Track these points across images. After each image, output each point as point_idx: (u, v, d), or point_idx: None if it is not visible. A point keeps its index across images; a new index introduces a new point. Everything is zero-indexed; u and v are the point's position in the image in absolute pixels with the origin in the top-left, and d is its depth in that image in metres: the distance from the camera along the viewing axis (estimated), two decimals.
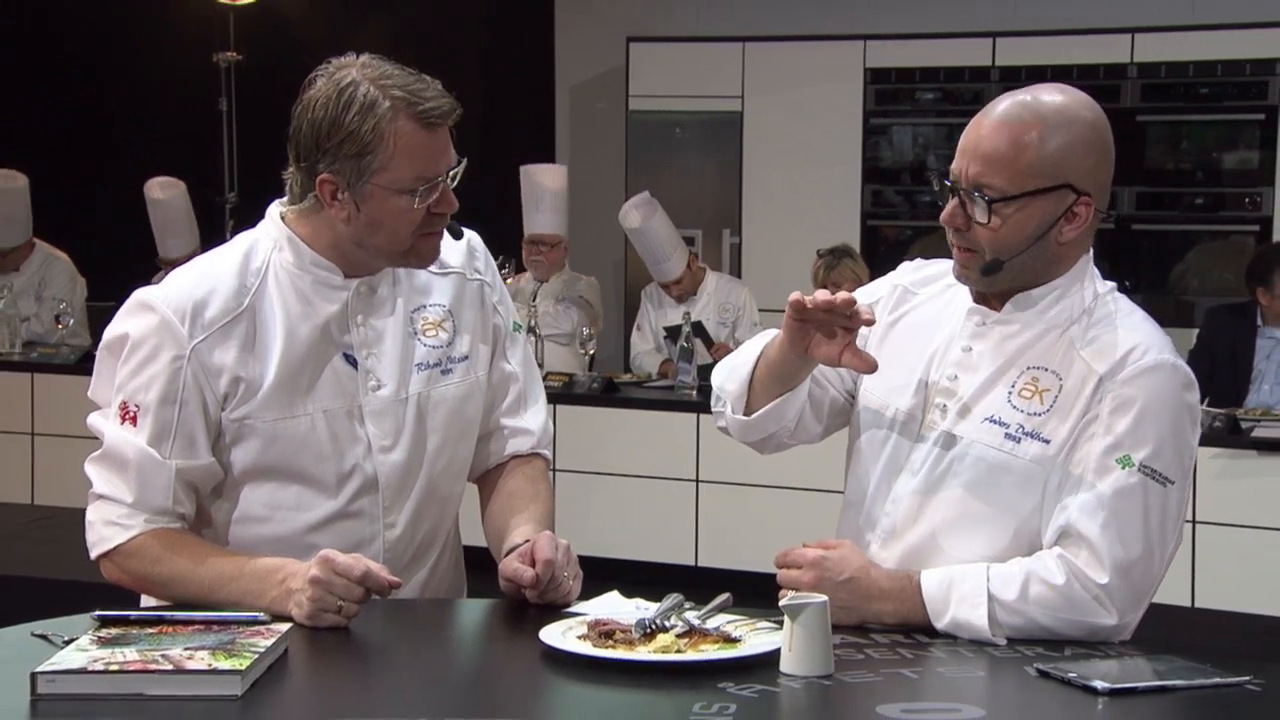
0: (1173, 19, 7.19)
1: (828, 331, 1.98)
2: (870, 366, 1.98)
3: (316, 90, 2.03)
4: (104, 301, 5.76)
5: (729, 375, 2.17)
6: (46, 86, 8.38)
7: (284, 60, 3.75)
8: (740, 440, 2.21)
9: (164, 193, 6.99)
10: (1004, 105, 1.99)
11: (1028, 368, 2.02)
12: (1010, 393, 2.01)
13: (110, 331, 2.09)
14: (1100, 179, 2.00)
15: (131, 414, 2.04)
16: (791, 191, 7.73)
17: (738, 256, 7.87)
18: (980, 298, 2.08)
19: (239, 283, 2.07)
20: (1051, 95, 2.00)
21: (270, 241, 2.11)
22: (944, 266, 2.15)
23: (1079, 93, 2.02)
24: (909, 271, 2.21)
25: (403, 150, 1.99)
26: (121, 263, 5.65)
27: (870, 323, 1.98)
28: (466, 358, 2.19)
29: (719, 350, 6.36)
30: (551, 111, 8.69)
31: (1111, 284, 2.08)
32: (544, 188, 6.54)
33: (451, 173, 2.05)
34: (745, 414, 2.14)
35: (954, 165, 2.01)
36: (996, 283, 2.04)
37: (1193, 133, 7.28)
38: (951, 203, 2.01)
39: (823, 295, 1.96)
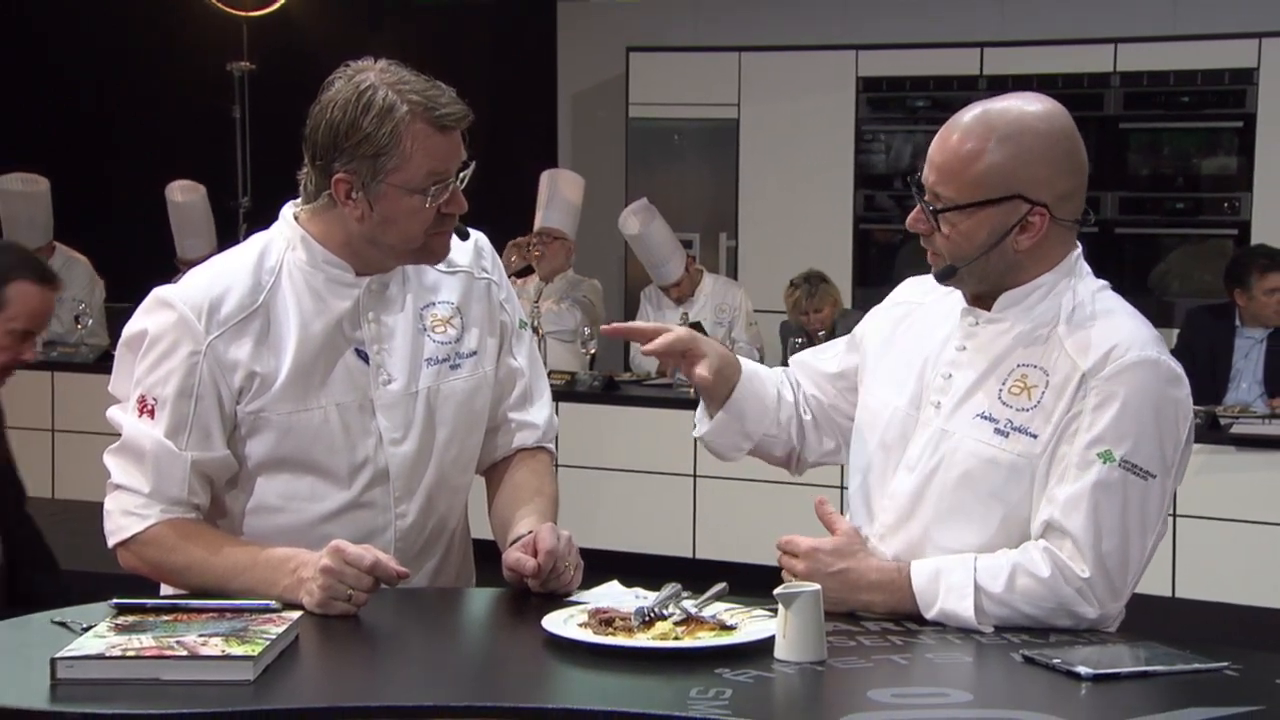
0: (1155, 30, 7.23)
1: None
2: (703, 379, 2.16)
3: (335, 92, 2.04)
4: (121, 303, 5.79)
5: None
6: (66, 94, 8.43)
7: (295, 70, 3.81)
8: (722, 456, 2.29)
9: (184, 195, 7.05)
10: (966, 116, 2.00)
11: (1017, 365, 2.02)
12: (1001, 389, 2.02)
13: (129, 328, 2.11)
14: (1059, 189, 1.99)
15: (149, 407, 2.06)
16: (786, 196, 7.76)
17: (734, 259, 7.90)
18: (973, 299, 2.09)
19: (254, 280, 2.10)
20: (1012, 106, 2.00)
21: (284, 241, 2.14)
22: None
23: (1047, 103, 2.02)
24: (909, 286, 2.25)
25: (417, 152, 2.02)
26: (138, 265, 5.67)
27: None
28: (474, 353, 2.22)
29: None
30: (554, 119, 8.72)
31: (1103, 283, 2.08)
32: (561, 192, 6.60)
33: (461, 174, 2.08)
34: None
35: (923, 172, 2.05)
36: (963, 285, 2.06)
37: (1174, 140, 7.32)
38: (916, 209, 2.05)
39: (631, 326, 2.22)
